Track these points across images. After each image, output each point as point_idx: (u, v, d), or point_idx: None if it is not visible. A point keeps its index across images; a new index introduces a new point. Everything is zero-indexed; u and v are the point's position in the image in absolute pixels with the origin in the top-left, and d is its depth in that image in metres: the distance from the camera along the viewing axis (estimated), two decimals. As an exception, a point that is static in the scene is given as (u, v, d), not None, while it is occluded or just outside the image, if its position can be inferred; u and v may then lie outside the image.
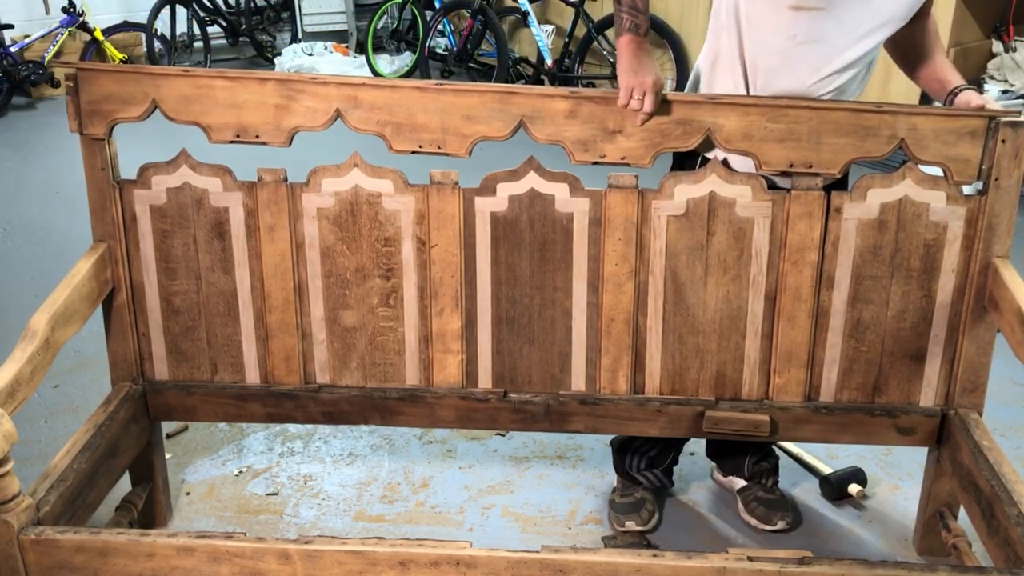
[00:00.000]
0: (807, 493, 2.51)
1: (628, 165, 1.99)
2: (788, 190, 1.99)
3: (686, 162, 2.11)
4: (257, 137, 2.01)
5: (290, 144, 2.04)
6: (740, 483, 2.45)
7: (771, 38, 1.94)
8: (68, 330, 1.93)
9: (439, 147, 2.00)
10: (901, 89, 4.82)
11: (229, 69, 2.03)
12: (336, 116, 2.00)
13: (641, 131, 1.95)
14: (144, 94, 1.99)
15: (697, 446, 2.69)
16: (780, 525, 2.35)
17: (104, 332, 2.18)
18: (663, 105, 1.93)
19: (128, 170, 2.12)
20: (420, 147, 2.01)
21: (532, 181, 2.03)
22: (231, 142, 2.03)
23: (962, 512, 2.15)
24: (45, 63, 6.71)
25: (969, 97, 1.98)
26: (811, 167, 1.95)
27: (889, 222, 1.99)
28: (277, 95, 1.98)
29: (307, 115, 1.99)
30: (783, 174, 1.99)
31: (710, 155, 2.04)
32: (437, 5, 7.17)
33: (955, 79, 2.03)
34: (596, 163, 2.00)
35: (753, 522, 2.37)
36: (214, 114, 2.00)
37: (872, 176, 1.97)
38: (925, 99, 4.72)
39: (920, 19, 2.03)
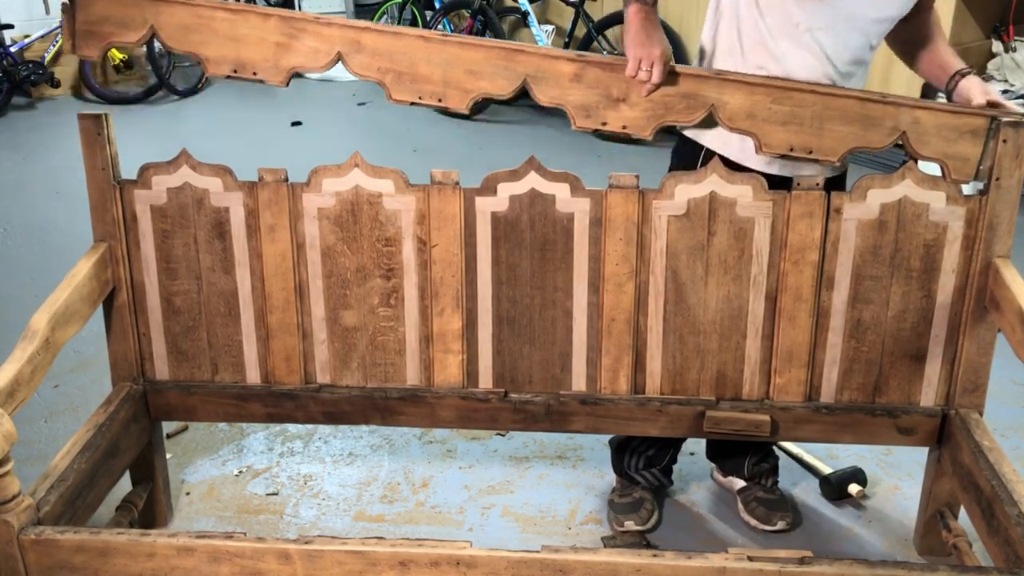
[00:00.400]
0: (807, 493, 2.51)
1: (628, 134, 1.98)
2: (789, 184, 1.99)
3: (685, 160, 2.11)
4: (254, 74, 1.98)
5: (287, 84, 2.00)
6: (740, 483, 2.45)
7: (774, 25, 1.93)
8: (68, 330, 1.93)
9: (439, 100, 1.98)
10: (902, 85, 4.82)
11: (230, 2, 1.99)
12: (337, 58, 1.97)
13: (645, 101, 1.95)
14: (143, 19, 1.95)
15: (697, 446, 2.69)
16: (780, 525, 2.35)
17: (104, 332, 2.18)
18: (669, 77, 1.92)
19: (129, 170, 2.12)
20: (420, 98, 1.98)
21: (533, 181, 2.03)
22: (228, 77, 2.01)
23: (962, 512, 2.16)
24: (45, 63, 6.71)
25: (971, 85, 1.97)
26: (811, 152, 1.95)
27: (889, 222, 1.99)
28: (279, 32, 1.95)
29: (308, 55, 1.97)
30: (782, 157, 1.99)
31: (706, 142, 2.04)
32: (437, 5, 7.17)
33: (956, 63, 2.03)
34: (597, 130, 2.00)
35: (753, 522, 2.37)
36: (213, 45, 1.97)
37: (872, 176, 1.97)
38: (925, 96, 4.73)
39: (922, 12, 2.03)
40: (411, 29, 1.97)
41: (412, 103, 1.99)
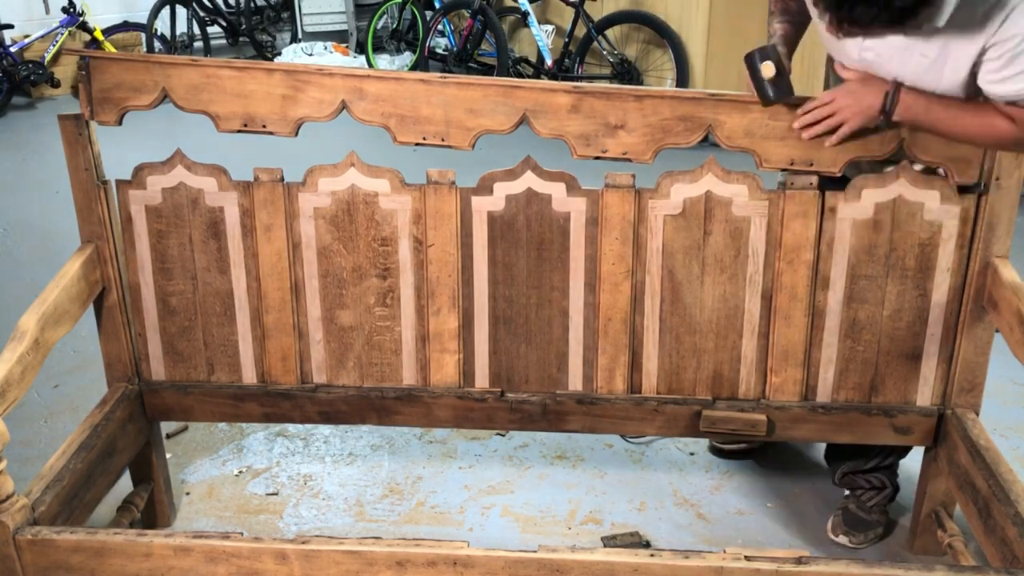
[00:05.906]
0: (807, 492, 2.51)
1: (629, 160, 1.99)
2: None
3: None
4: (264, 127, 2.01)
5: (296, 134, 2.04)
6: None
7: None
8: (59, 330, 1.93)
9: (443, 139, 2.00)
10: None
11: (236, 60, 2.02)
12: (342, 107, 1.99)
13: (643, 127, 1.95)
14: (154, 83, 1.99)
15: (697, 446, 2.69)
16: (840, 539, 2.32)
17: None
18: (664, 101, 1.93)
19: (128, 170, 2.12)
20: (424, 139, 2.01)
21: (529, 180, 2.03)
22: (239, 131, 2.03)
23: (957, 512, 2.15)
24: (45, 63, 6.72)
25: None
26: (812, 165, 1.95)
27: (883, 221, 1.98)
28: (284, 86, 1.98)
29: (313, 106, 1.99)
30: (783, 171, 1.99)
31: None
32: (437, 5, 7.17)
33: None
34: (598, 158, 2.01)
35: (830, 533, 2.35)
36: (222, 103, 2.00)
37: (866, 176, 1.97)
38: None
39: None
40: (411, 73, 2.00)
41: (416, 144, 2.01)
